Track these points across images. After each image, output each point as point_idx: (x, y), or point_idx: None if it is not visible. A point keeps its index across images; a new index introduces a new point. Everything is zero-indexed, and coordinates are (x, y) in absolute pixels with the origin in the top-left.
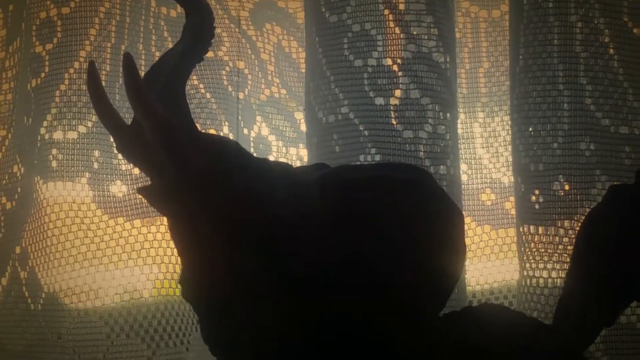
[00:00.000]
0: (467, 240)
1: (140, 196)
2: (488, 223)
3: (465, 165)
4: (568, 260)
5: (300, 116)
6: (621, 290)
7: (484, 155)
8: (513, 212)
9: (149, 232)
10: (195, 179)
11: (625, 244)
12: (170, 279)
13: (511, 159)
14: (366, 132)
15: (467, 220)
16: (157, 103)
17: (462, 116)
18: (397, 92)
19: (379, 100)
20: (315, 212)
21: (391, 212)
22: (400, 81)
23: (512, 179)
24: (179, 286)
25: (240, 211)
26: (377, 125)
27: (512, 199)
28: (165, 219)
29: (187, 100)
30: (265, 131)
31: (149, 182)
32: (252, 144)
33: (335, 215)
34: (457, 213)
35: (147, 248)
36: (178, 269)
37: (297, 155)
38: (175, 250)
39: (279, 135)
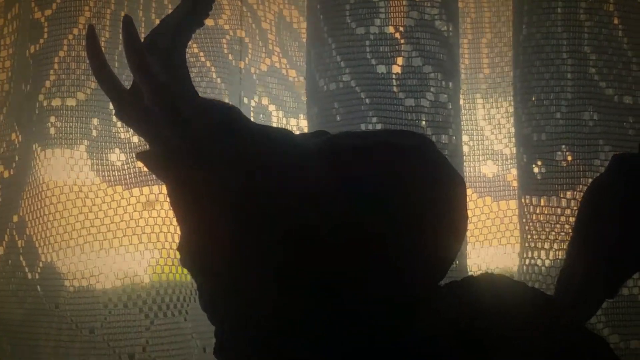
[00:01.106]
0: (469, 212)
1: (139, 164)
2: (489, 195)
3: (467, 137)
4: (570, 231)
5: (301, 86)
6: (623, 262)
7: (486, 127)
8: (515, 184)
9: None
10: (195, 144)
11: (628, 214)
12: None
13: (513, 130)
14: (367, 100)
15: (468, 192)
16: (156, 67)
17: (464, 87)
18: (399, 60)
19: (381, 68)
20: (315, 177)
21: (392, 178)
22: (402, 49)
23: (514, 150)
24: (178, 254)
25: (241, 176)
26: (378, 93)
27: (513, 170)
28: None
29: (187, 68)
30: (265, 101)
31: (148, 148)
32: (252, 114)
33: (336, 180)
34: (459, 180)
35: (146, 218)
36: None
37: (298, 126)
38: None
39: (280, 105)
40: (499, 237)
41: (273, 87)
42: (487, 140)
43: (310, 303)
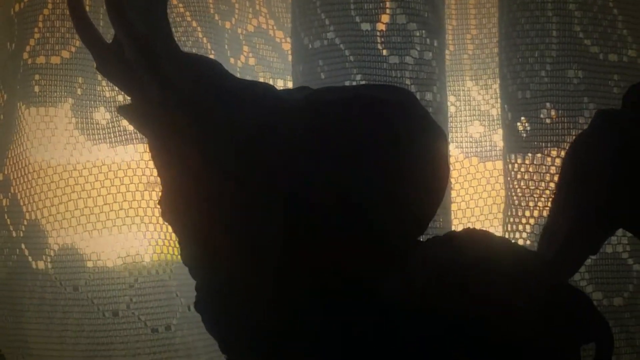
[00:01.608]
0: (455, 173)
1: (124, 123)
2: (476, 155)
3: (454, 97)
4: (554, 188)
5: (288, 48)
6: (606, 218)
7: (472, 87)
8: (502, 144)
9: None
10: (177, 94)
11: (611, 170)
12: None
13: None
14: (352, 58)
15: (455, 152)
16: (137, 21)
17: (451, 48)
18: (384, 17)
19: (365, 26)
20: (298, 130)
21: (372, 131)
22: (386, 6)
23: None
24: (159, 207)
25: (224, 129)
26: (363, 50)
27: (500, 131)
28: None
29: (169, 22)
30: (252, 62)
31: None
32: (239, 74)
33: (317, 133)
34: (441, 134)
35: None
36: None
37: (284, 87)
38: None
39: (266, 67)
40: (485, 197)
41: (260, 48)
42: (474, 100)
43: (286, 255)
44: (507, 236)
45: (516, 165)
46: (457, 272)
